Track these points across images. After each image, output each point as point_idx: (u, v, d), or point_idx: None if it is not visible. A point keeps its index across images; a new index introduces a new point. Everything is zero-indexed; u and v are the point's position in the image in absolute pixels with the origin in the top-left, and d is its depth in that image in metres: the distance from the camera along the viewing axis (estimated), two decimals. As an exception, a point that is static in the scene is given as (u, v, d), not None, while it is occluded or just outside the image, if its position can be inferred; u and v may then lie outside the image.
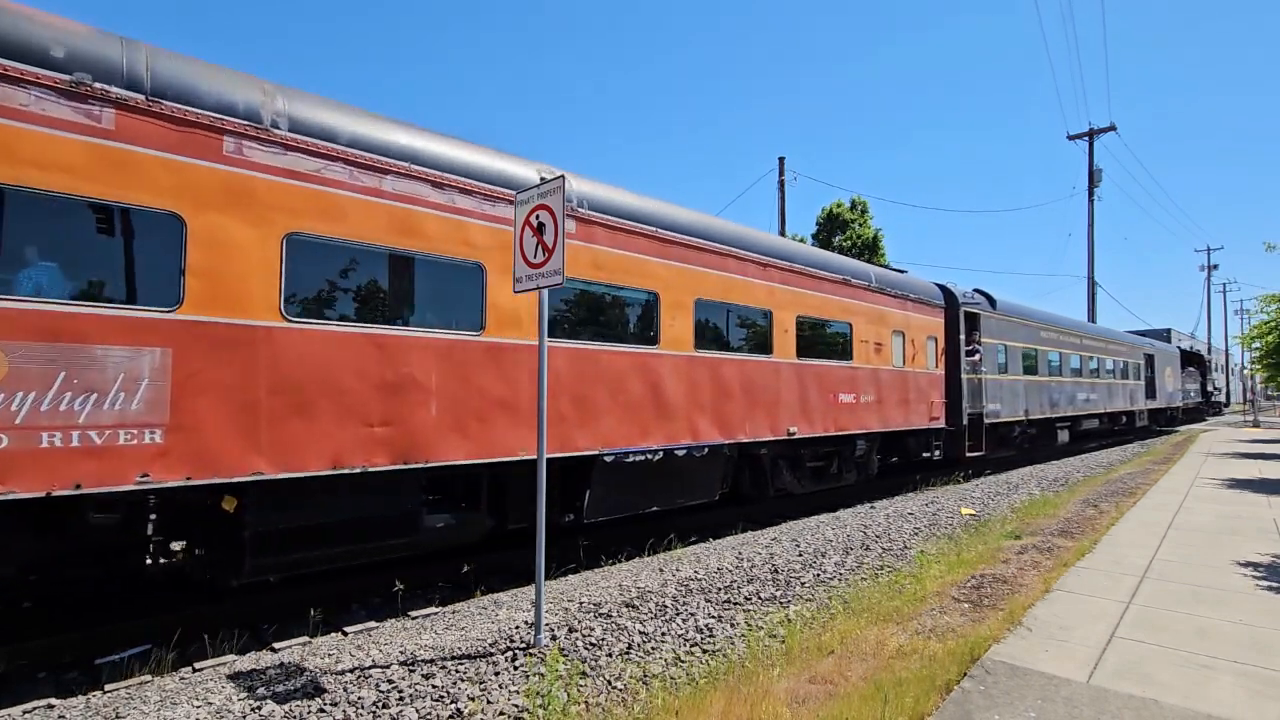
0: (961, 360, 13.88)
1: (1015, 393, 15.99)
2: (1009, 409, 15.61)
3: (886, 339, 11.80)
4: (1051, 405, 17.90)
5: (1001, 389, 15.33)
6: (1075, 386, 19.76)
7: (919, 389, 12.65)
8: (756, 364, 9.04)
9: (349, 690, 3.97)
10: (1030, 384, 16.88)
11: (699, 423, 8.10)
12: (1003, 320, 15.91)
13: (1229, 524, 8.37)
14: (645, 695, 3.87)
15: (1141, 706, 3.53)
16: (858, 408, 10.85)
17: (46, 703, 4.13)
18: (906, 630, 4.76)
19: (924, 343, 12.96)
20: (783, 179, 23.54)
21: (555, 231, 4.64)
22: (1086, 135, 32.55)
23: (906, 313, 12.55)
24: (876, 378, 11.38)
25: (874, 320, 11.52)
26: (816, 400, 9.96)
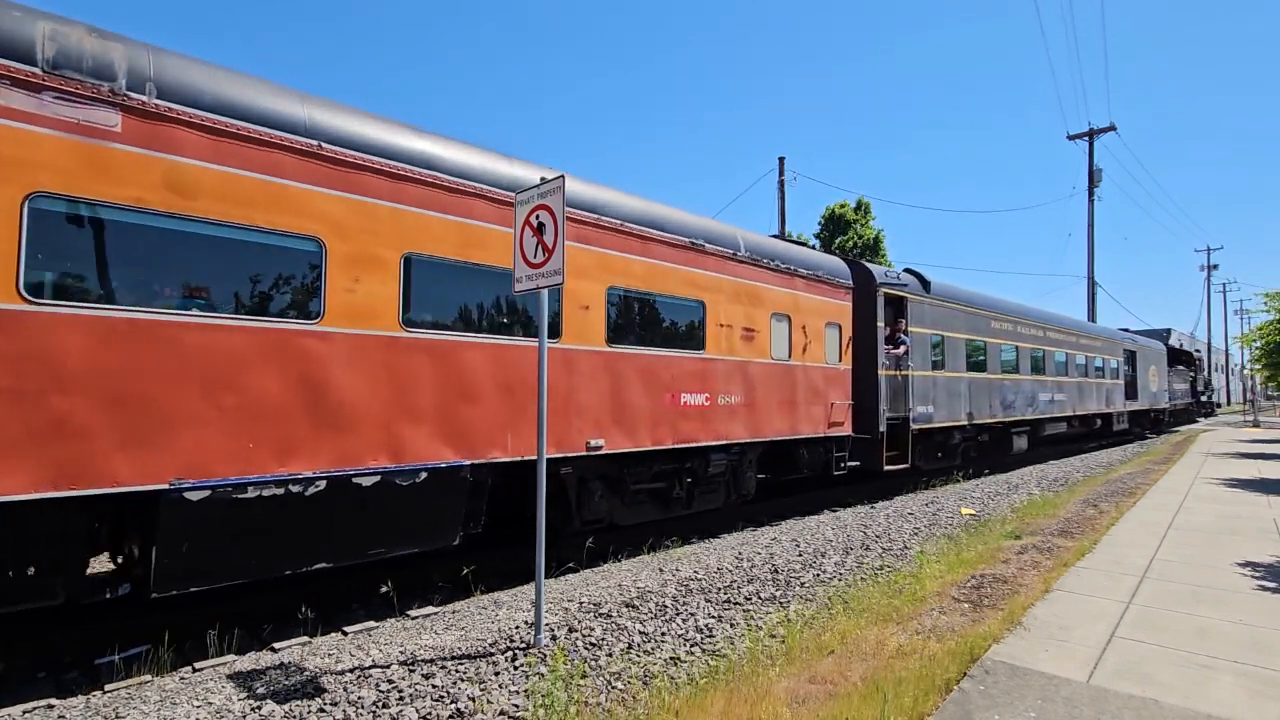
0: (879, 353, 11.53)
1: (955, 393, 13.61)
2: (946, 412, 13.25)
3: (762, 324, 9.31)
4: (1005, 407, 15.52)
5: (936, 388, 12.95)
6: (1036, 386, 17.21)
7: (813, 388, 10.14)
8: (528, 352, 6.43)
9: (349, 690, 3.97)
10: (977, 382, 14.49)
11: (410, 435, 5.61)
12: (939, 306, 13.41)
13: (1229, 524, 8.37)
14: (645, 695, 3.87)
15: (1141, 706, 3.53)
16: (713, 412, 8.44)
17: (46, 703, 4.13)
18: (906, 630, 4.76)
19: (821, 331, 10.43)
20: (782, 179, 23.55)
21: (555, 231, 4.64)
22: (1086, 135, 32.54)
23: (795, 292, 9.95)
24: (745, 374, 8.95)
25: (741, 299, 9.00)
26: (643, 402, 7.59)
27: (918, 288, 12.91)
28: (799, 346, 9.99)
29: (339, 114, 5.54)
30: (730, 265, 8.96)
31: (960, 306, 14.28)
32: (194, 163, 4.69)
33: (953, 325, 13.85)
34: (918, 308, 12.73)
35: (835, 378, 10.75)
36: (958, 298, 14.31)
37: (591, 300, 7.20)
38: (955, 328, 13.92)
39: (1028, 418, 16.80)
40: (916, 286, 12.89)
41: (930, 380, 12.83)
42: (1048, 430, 18.31)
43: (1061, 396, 18.60)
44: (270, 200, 5.03)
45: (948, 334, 13.64)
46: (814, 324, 10.36)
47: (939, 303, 13.46)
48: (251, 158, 4.95)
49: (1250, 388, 45.33)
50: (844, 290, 11.18)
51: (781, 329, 9.76)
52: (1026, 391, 16.65)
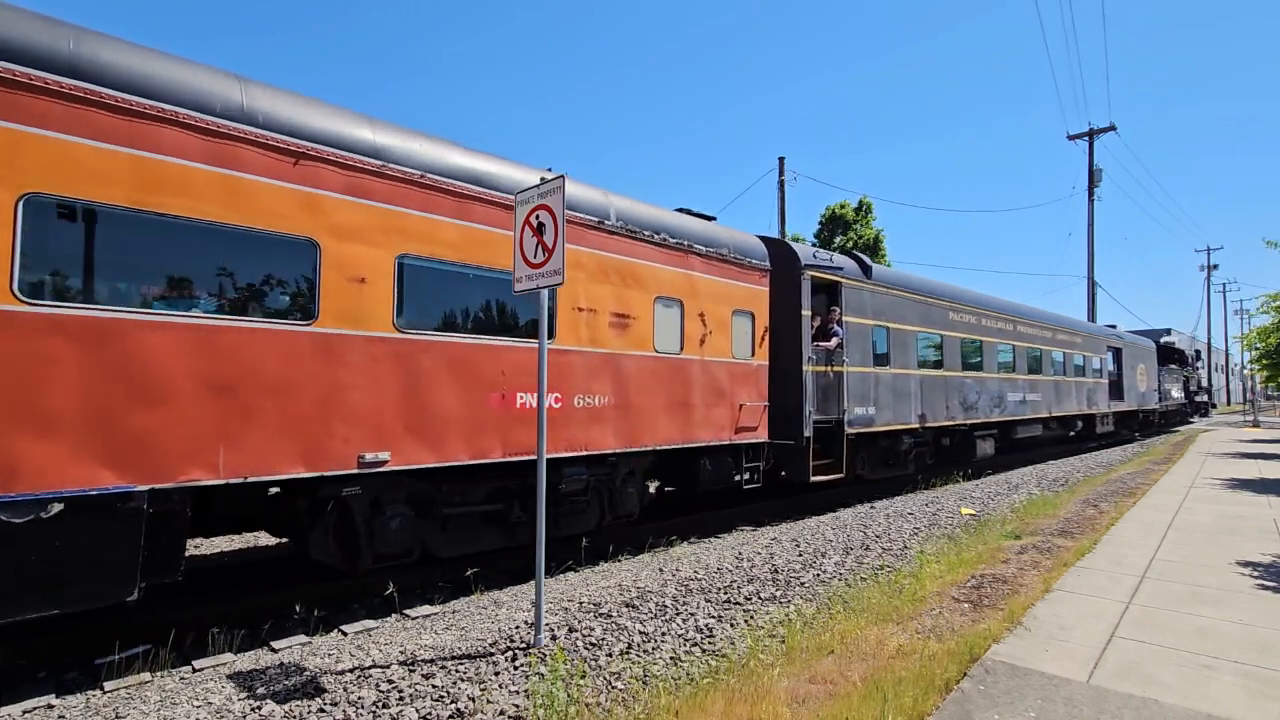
0: (805, 347, 9.93)
1: (904, 392, 12.09)
2: (892, 414, 11.70)
3: (642, 310, 7.77)
4: (966, 408, 13.93)
5: (879, 387, 11.41)
6: (1006, 385, 15.58)
7: (715, 387, 8.60)
8: (258, 337, 4.94)
9: (349, 690, 3.97)
10: (932, 381, 12.91)
11: (29, 452, 3.98)
12: (884, 294, 11.85)
13: (1229, 524, 8.37)
14: (645, 695, 3.87)
15: (1141, 706, 3.53)
16: (567, 416, 6.90)
17: (46, 703, 4.14)
18: (906, 630, 4.76)
19: (727, 320, 8.87)
20: (782, 179, 23.56)
21: (555, 231, 4.64)
22: (1086, 135, 32.56)
23: (690, 274, 8.40)
24: (617, 370, 7.40)
25: (610, 279, 7.44)
26: (455, 405, 5.98)
27: (856, 272, 11.32)
28: (695, 338, 8.42)
29: None
30: (594, 236, 7.27)
31: (911, 295, 12.66)
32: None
33: (902, 316, 12.26)
34: (856, 295, 11.15)
35: (746, 375, 9.16)
36: (907, 285, 12.72)
37: (372, 271, 5.57)
38: (905, 319, 12.34)
39: (994, 420, 15.11)
40: (855, 271, 11.32)
41: (871, 378, 11.30)
42: (1020, 433, 16.76)
43: (1035, 396, 16.98)
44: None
45: (895, 326, 12.04)
46: (717, 311, 8.73)
47: (883, 290, 11.87)
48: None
49: (1250, 388, 45.38)
50: (759, 273, 9.51)
51: (670, 316, 8.16)
52: (993, 391, 15.05)
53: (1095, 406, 20.85)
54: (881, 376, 11.55)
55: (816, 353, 10.22)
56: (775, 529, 9.13)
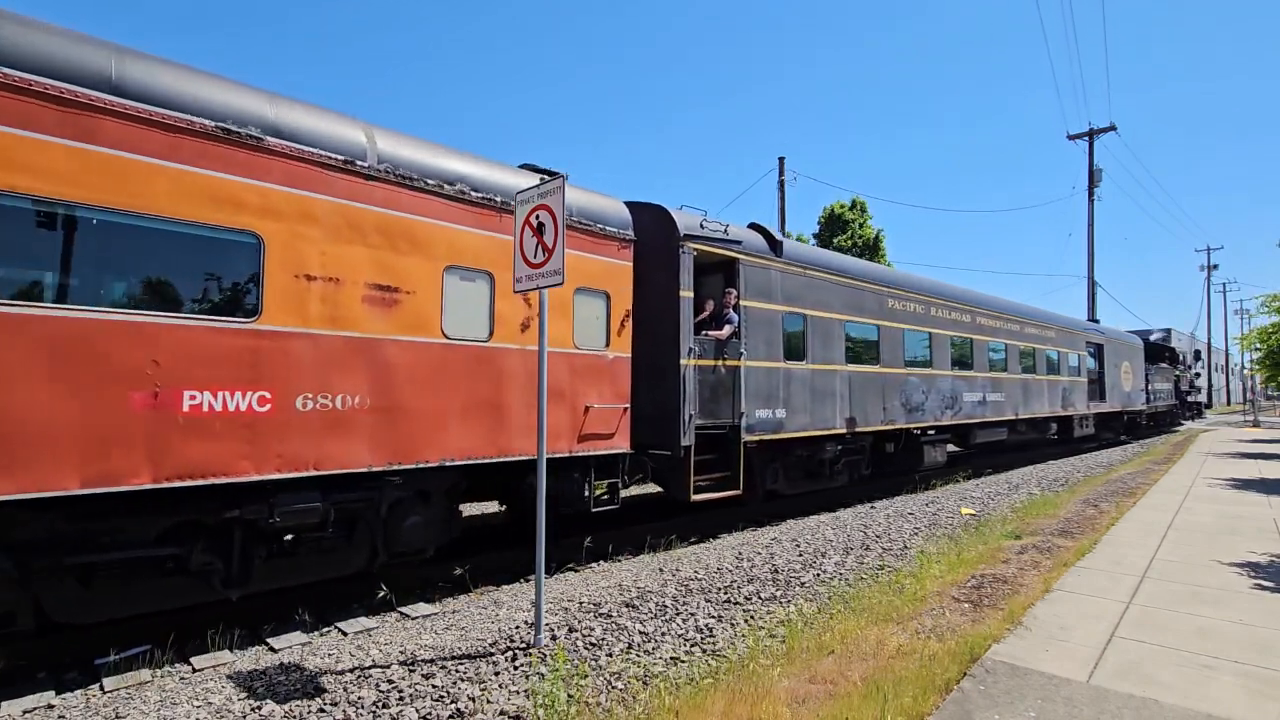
0: (686, 336, 8.14)
1: (825, 391, 10.29)
2: (808, 417, 9.92)
3: (421, 282, 5.92)
4: (910, 410, 12.25)
5: (790, 385, 9.64)
6: (961, 383, 13.82)
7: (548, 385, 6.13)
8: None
9: (349, 690, 3.97)
10: (863, 378, 11.15)
11: None
12: (797, 275, 10.01)
13: (1229, 524, 8.37)
14: (645, 695, 3.87)
15: (1141, 706, 3.53)
16: (281, 423, 5.12)
17: (46, 702, 4.14)
18: (906, 630, 4.76)
19: (567, 300, 7.03)
20: (782, 179, 23.57)
21: (555, 231, 4.65)
22: (1086, 135, 32.56)
23: (507, 238, 6.35)
24: (375, 359, 5.59)
25: (366, 239, 5.61)
26: (55, 408, 4.20)
27: (759, 247, 9.53)
28: (513, 321, 6.57)
29: None
30: (340, 181, 5.48)
31: (835, 278, 10.84)
32: None
33: (822, 302, 10.48)
34: (759, 275, 9.38)
35: (596, 370, 7.32)
36: (830, 266, 10.93)
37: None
38: (827, 306, 10.57)
39: (947, 423, 13.36)
40: (758, 246, 9.53)
41: (780, 375, 9.51)
42: (980, 437, 15.01)
43: (998, 397, 15.20)
44: None
45: (814, 313, 10.24)
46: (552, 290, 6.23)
47: (798, 270, 10.04)
48: None
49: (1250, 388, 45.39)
50: (617, 244, 7.65)
51: (473, 293, 6.33)
52: (945, 391, 13.31)
53: (1072, 408, 19.05)
54: (795, 373, 9.79)
55: (703, 344, 8.47)
56: (775, 529, 9.13)
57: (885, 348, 11.84)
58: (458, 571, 6.35)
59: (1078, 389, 19.53)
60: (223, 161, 4.92)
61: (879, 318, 11.77)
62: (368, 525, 5.90)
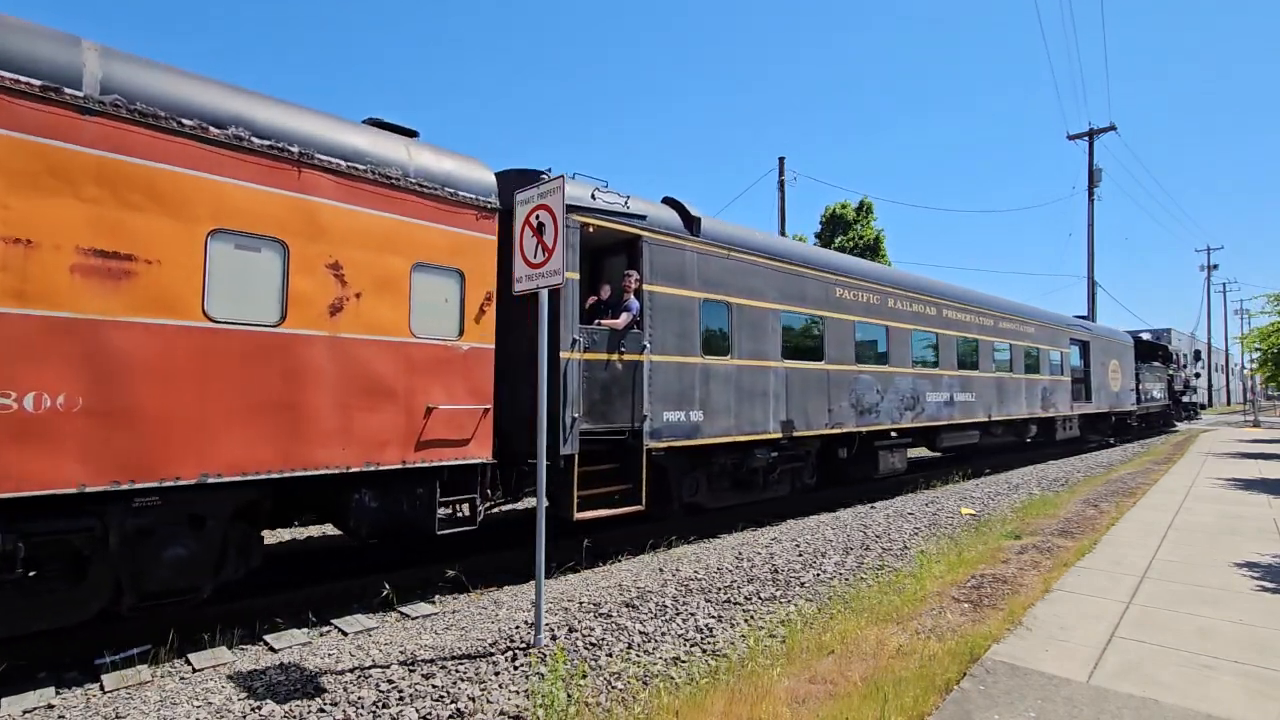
0: (570, 325, 6.88)
1: (754, 390, 9.02)
2: (732, 420, 8.67)
3: (174, 249, 4.75)
4: (862, 412, 10.94)
5: (709, 383, 8.40)
6: (924, 382, 12.61)
7: (365, 381, 5.61)
8: None
9: (349, 690, 3.97)
10: (803, 376, 9.78)
11: None
12: (718, 257, 8.71)
13: (1229, 524, 8.37)
14: (645, 695, 3.87)
15: (1141, 706, 3.53)
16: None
17: (46, 703, 4.14)
18: (906, 630, 4.76)
19: (399, 277, 5.85)
20: (782, 179, 23.57)
21: (555, 231, 4.65)
22: (1086, 135, 32.55)
23: (307, 198, 5.39)
24: (91, 346, 4.38)
25: (77, 189, 4.41)
26: None
27: (671, 225, 8.18)
28: (318, 302, 5.40)
29: None
30: (33, 112, 4.26)
31: (767, 262, 9.46)
32: None
33: (752, 289, 9.17)
34: (670, 257, 8.07)
35: (444, 363, 6.10)
36: (760, 249, 9.46)
37: None
38: (757, 293, 9.25)
39: (906, 425, 12.16)
40: (669, 223, 8.18)
41: (696, 371, 8.25)
42: (947, 441, 13.80)
43: (968, 397, 13.94)
44: None
45: (740, 301, 8.96)
46: (375, 264, 5.70)
47: (719, 252, 8.73)
48: None
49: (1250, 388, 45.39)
50: (475, 213, 6.38)
51: (256, 265, 5.16)
52: (904, 390, 12.08)
53: (1054, 408, 17.80)
54: (715, 370, 8.52)
55: (592, 335, 7.17)
56: (775, 529, 9.13)
57: (832, 342, 10.52)
58: (451, 573, 6.34)
59: (1060, 389, 18.32)
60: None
61: (824, 308, 10.42)
62: (103, 561, 4.66)
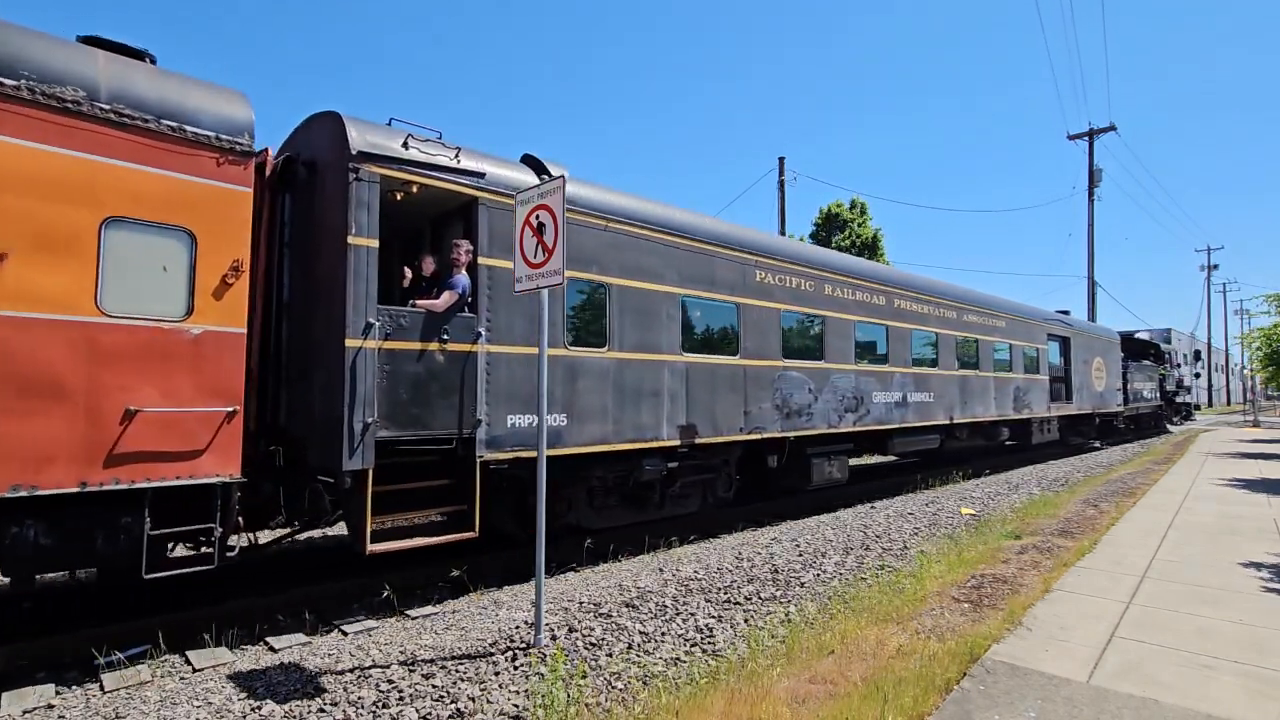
0: (361, 306, 5.52)
1: (638, 390, 7.51)
2: (608, 425, 7.20)
3: None
4: (790, 414, 9.41)
5: (575, 381, 6.94)
6: (870, 380, 11.13)
7: (14, 377, 4.14)
8: None
9: (349, 690, 3.97)
10: (709, 371, 8.31)
11: None
12: (592, 229, 7.18)
13: (1229, 524, 8.37)
14: (645, 695, 3.87)
15: (1142, 706, 3.53)
16: None
17: (46, 703, 4.14)
18: (906, 630, 4.76)
19: (80, 235, 4.43)
20: (782, 179, 23.57)
21: (555, 231, 4.65)
22: (1086, 135, 32.56)
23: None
24: None
25: None
26: None
27: (523, 186, 6.16)
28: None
29: None
30: None
31: (666, 238, 7.91)
32: None
33: (641, 269, 7.61)
34: (504, 217, 6.32)
35: (160, 351, 4.72)
36: (653, 221, 7.84)
37: None
38: (649, 274, 7.69)
39: (847, 429, 10.52)
40: (520, 184, 6.43)
41: (555, 366, 6.66)
42: (900, 446, 12.24)
43: (923, 397, 12.53)
44: None
45: (622, 282, 7.39)
46: (35, 214, 4.29)
47: (595, 222, 7.14)
48: None
49: (1250, 388, 45.40)
50: (214, 155, 5.01)
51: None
52: (844, 389, 10.56)
53: (1028, 409, 16.37)
54: (584, 364, 7.00)
55: (398, 319, 5.75)
56: (775, 529, 9.13)
57: (750, 333, 8.97)
58: (455, 573, 6.34)
59: (1036, 388, 16.92)
60: None
61: (740, 294, 8.86)
62: None
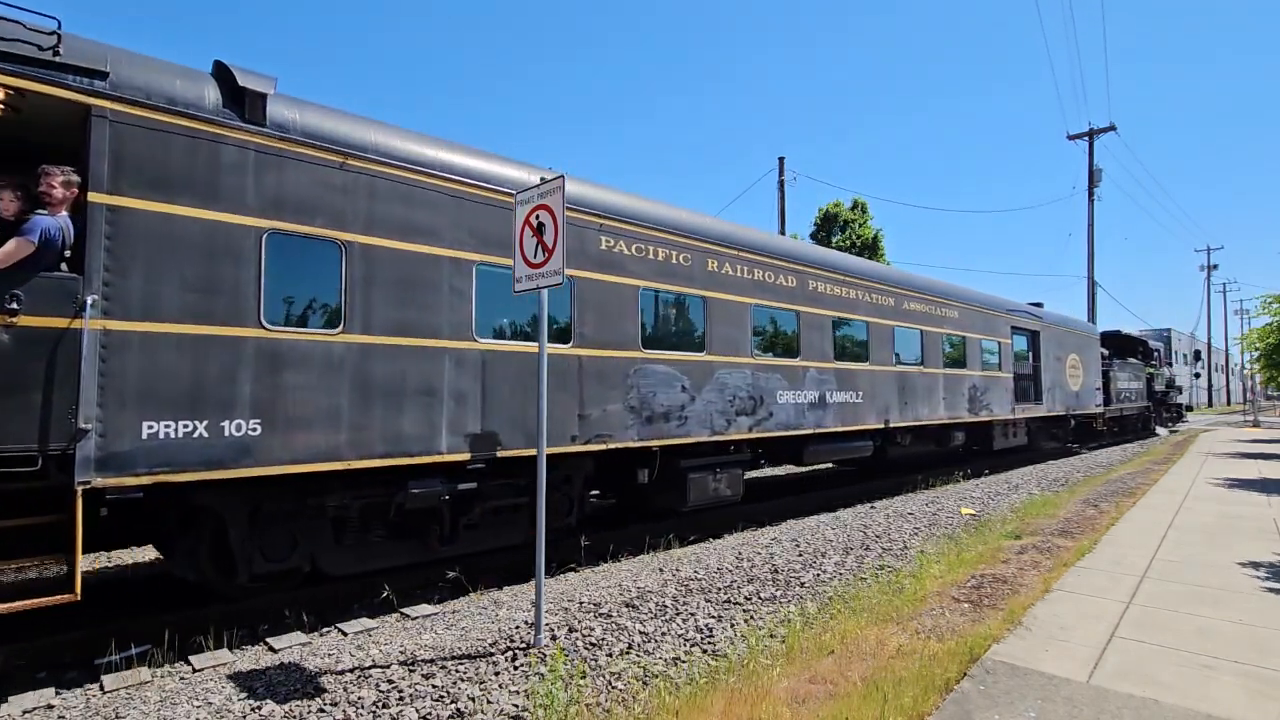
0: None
1: (400, 388, 5.70)
2: (338, 434, 5.32)
3: None
4: (653, 419, 7.67)
5: (278, 373, 5.06)
6: (772, 376, 9.24)
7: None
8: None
9: (349, 690, 3.97)
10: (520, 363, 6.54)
11: None
12: (310, 164, 5.33)
13: (1229, 524, 8.37)
14: (645, 695, 3.87)
15: (1141, 706, 3.53)
16: None
17: (46, 702, 4.14)
18: (906, 630, 4.76)
19: None
20: (782, 179, 23.57)
21: (555, 231, 4.65)
22: (1086, 135, 32.56)
23: None
24: None
25: None
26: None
27: (190, 98, 4.82)
28: None
29: None
30: None
31: (444, 184, 6.05)
32: None
33: (403, 225, 5.80)
34: (180, 152, 4.74)
35: None
36: (417, 163, 5.92)
37: None
38: (416, 232, 5.86)
39: (736, 436, 8.69)
40: (187, 96, 4.81)
41: (242, 352, 4.93)
42: (817, 454, 10.40)
43: (848, 397, 10.58)
44: None
45: (368, 240, 5.59)
46: None
47: (314, 155, 5.37)
48: None
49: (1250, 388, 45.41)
50: None
51: None
52: (735, 387, 8.70)
53: (988, 411, 14.48)
54: (295, 352, 5.15)
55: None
56: (775, 529, 9.12)
57: (589, 316, 7.14)
58: (452, 574, 6.34)
59: (997, 387, 15.06)
60: None
61: (574, 265, 6.88)
62: None
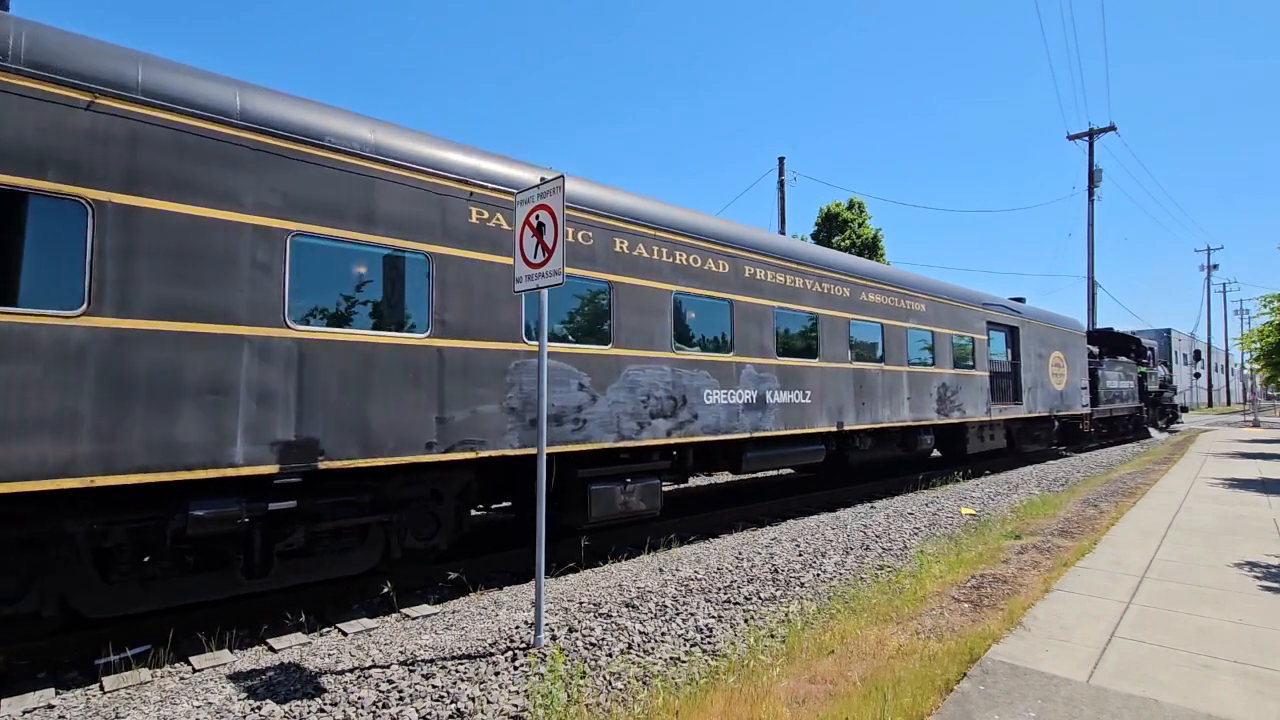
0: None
1: (171, 386, 4.53)
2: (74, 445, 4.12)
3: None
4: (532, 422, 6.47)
5: None
6: (698, 373, 8.30)
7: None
8: None
9: (349, 690, 3.97)
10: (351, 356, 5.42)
11: None
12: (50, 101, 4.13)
13: (1229, 524, 8.37)
14: (645, 695, 3.87)
15: (1141, 706, 3.53)
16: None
17: (46, 702, 4.14)
18: (906, 630, 4.76)
19: None
20: (782, 179, 23.59)
21: (555, 231, 4.65)
22: (1086, 135, 32.57)
23: None
24: None
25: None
26: None
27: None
28: None
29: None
30: None
31: (240, 132, 4.98)
32: None
33: (170, 178, 4.65)
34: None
35: None
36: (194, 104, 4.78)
37: None
38: (191, 189, 4.74)
39: (654, 442, 7.76)
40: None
41: None
42: (757, 462, 9.25)
43: (793, 396, 9.58)
44: None
45: (120, 199, 4.42)
46: None
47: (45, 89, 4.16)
48: None
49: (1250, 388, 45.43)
50: None
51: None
52: (649, 385, 7.73)
53: (960, 412, 13.55)
54: (12, 336, 4.02)
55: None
56: (775, 529, 9.13)
57: (452, 301, 6.16)
58: (453, 576, 6.35)
59: (970, 386, 14.05)
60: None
61: (429, 240, 6.04)
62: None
